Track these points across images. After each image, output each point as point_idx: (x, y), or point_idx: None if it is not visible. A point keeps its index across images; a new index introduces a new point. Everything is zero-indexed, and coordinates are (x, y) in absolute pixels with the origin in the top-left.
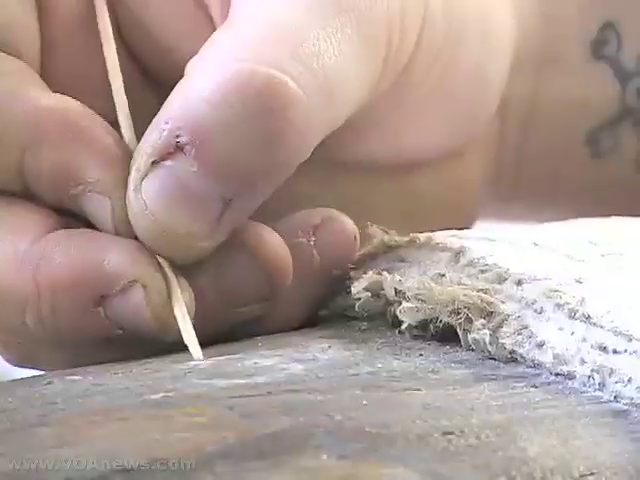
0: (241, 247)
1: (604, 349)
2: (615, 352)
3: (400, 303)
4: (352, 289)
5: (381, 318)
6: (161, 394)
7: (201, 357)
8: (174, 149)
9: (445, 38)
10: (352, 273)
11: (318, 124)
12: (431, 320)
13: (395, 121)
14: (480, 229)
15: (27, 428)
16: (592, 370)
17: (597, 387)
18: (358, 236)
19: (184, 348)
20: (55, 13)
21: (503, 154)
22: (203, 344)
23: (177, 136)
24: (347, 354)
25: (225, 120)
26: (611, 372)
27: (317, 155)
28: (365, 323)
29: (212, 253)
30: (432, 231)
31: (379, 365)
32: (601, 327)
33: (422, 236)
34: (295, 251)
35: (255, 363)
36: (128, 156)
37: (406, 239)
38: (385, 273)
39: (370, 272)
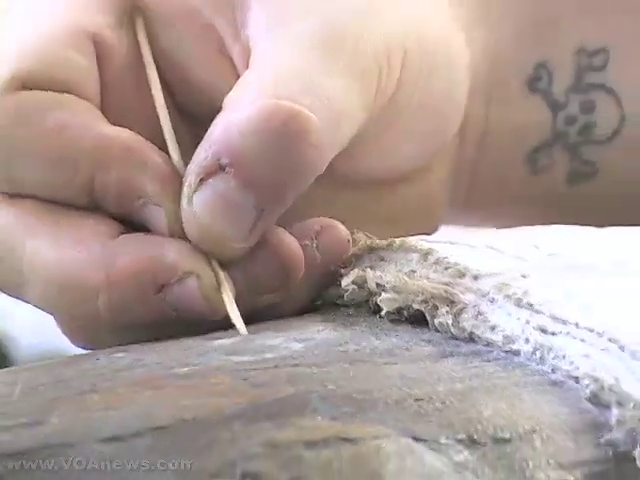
0: (264, 245)
1: (544, 331)
2: (552, 334)
3: (380, 294)
4: (342, 282)
5: (365, 306)
6: (189, 367)
7: (245, 332)
8: (217, 169)
9: (420, 71)
10: (342, 270)
11: (330, 144)
12: (405, 307)
13: (383, 141)
14: (444, 234)
15: (81, 394)
16: (534, 348)
17: (538, 362)
18: (351, 239)
19: (216, 329)
20: (111, 62)
21: (460, 168)
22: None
23: (219, 159)
24: (337, 335)
25: (257, 145)
26: (549, 350)
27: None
28: (352, 310)
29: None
30: (406, 236)
31: (363, 344)
32: (541, 313)
33: (398, 240)
34: (302, 251)
35: (264, 343)
36: (176, 173)
37: (385, 242)
38: (368, 270)
39: (356, 269)
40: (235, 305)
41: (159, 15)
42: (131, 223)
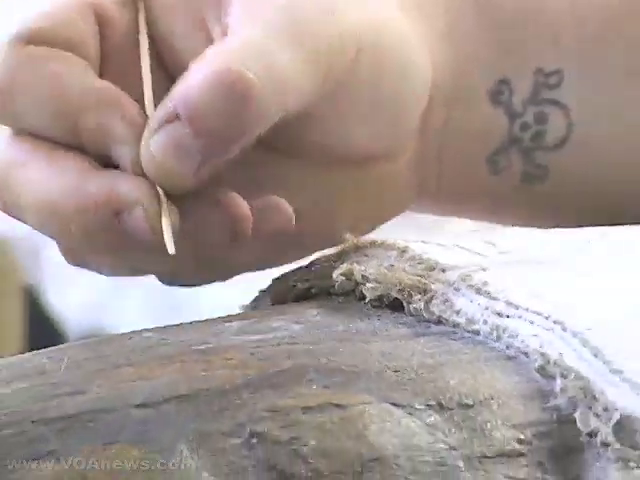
0: (219, 204)
1: (499, 314)
2: (507, 316)
3: (365, 284)
4: (333, 274)
5: (352, 294)
6: (206, 345)
7: (173, 251)
8: (174, 117)
9: (372, 69)
10: (334, 264)
11: (272, 106)
12: (385, 295)
13: (340, 124)
14: (416, 236)
15: (117, 368)
16: (491, 329)
17: (495, 340)
18: (292, 212)
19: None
20: (112, 32)
21: (427, 161)
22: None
23: (176, 109)
24: (329, 318)
25: (208, 100)
26: (504, 330)
27: (287, 148)
28: (341, 298)
29: (201, 206)
30: (375, 214)
31: (350, 325)
32: (497, 300)
33: (379, 240)
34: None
35: (268, 325)
36: (145, 122)
37: (368, 242)
38: (355, 264)
39: (345, 264)
40: (170, 230)
41: (159, 2)
42: (109, 162)
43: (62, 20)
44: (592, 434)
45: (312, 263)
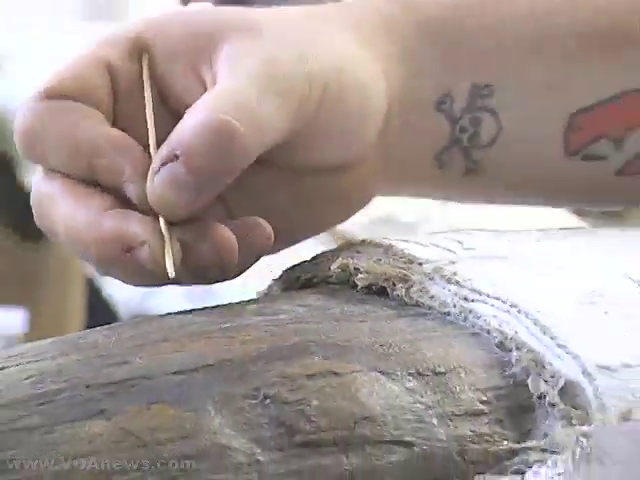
0: (210, 240)
1: (466, 299)
2: (472, 301)
3: (357, 275)
4: (331, 267)
5: (347, 283)
6: (228, 324)
7: (172, 274)
8: (172, 158)
9: (338, 98)
10: (331, 259)
11: (253, 146)
12: (373, 284)
13: (316, 142)
14: (397, 235)
15: (156, 342)
16: (460, 311)
17: (463, 320)
18: (272, 232)
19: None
20: (122, 83)
21: (386, 166)
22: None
23: (174, 151)
24: (328, 302)
25: (200, 144)
26: (470, 312)
27: (274, 162)
28: (338, 286)
29: (196, 238)
30: (347, 212)
31: (345, 308)
32: (464, 287)
33: (368, 239)
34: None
35: (278, 308)
36: (149, 162)
37: (360, 241)
38: (349, 259)
39: (340, 258)
40: (171, 259)
41: (159, 52)
42: (121, 196)
43: (78, 76)
44: (541, 396)
45: (314, 258)
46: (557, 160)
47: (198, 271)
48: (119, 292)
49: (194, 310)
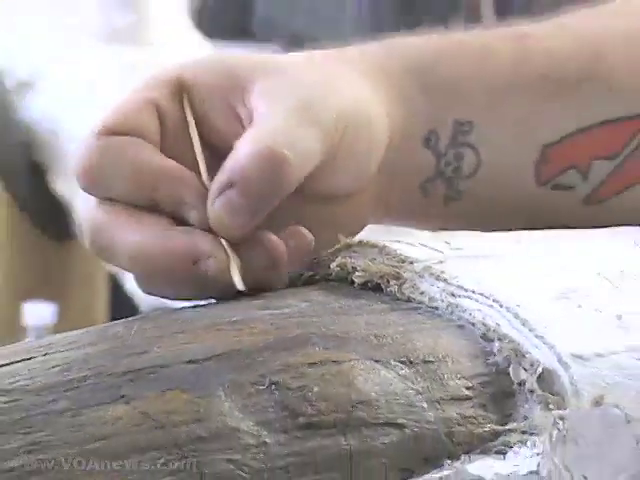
0: (263, 246)
1: (453, 295)
2: (458, 296)
3: (354, 273)
4: (331, 266)
5: (345, 281)
6: (237, 317)
7: (242, 288)
8: (229, 185)
9: (354, 136)
10: (331, 258)
11: (298, 172)
12: (369, 281)
13: (332, 173)
14: (390, 237)
15: (171, 334)
16: (447, 305)
17: (450, 314)
18: (313, 239)
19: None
20: (168, 120)
21: (380, 194)
22: (255, 295)
23: (230, 179)
24: (328, 298)
25: (253, 172)
26: (456, 306)
27: (298, 190)
28: (337, 283)
29: (253, 247)
30: (348, 235)
31: (343, 302)
32: (451, 284)
33: (364, 240)
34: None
35: (282, 303)
36: (204, 189)
37: (356, 241)
38: (347, 258)
39: (339, 258)
40: (237, 272)
41: (198, 93)
42: (178, 218)
43: (131, 115)
44: (521, 383)
45: (315, 258)
46: (529, 190)
47: (256, 278)
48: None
49: (207, 305)
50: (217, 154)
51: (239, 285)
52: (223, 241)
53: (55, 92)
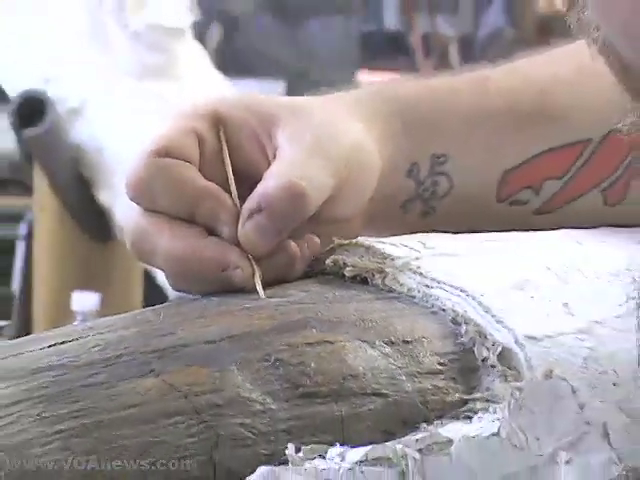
0: (284, 250)
1: (427, 286)
2: (432, 287)
3: (345, 268)
4: (326, 262)
5: (337, 274)
6: (248, 305)
7: (264, 296)
8: (258, 209)
9: (356, 171)
10: (326, 255)
11: (314, 201)
12: (358, 275)
13: (339, 201)
14: (377, 239)
15: (193, 319)
16: (422, 295)
17: (425, 302)
18: (319, 241)
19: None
20: (206, 147)
21: (369, 214)
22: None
23: (259, 204)
24: (323, 289)
25: (278, 200)
26: (430, 296)
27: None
28: (331, 276)
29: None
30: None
31: (336, 293)
32: (426, 277)
33: (354, 240)
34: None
35: (285, 292)
36: (236, 209)
37: (347, 242)
38: (340, 256)
39: (333, 256)
40: (260, 283)
41: (231, 126)
42: (211, 230)
43: (177, 140)
44: (484, 360)
45: (313, 256)
46: (491, 205)
47: (278, 273)
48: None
49: (223, 295)
50: (244, 177)
51: (261, 294)
52: (250, 257)
53: (99, 118)
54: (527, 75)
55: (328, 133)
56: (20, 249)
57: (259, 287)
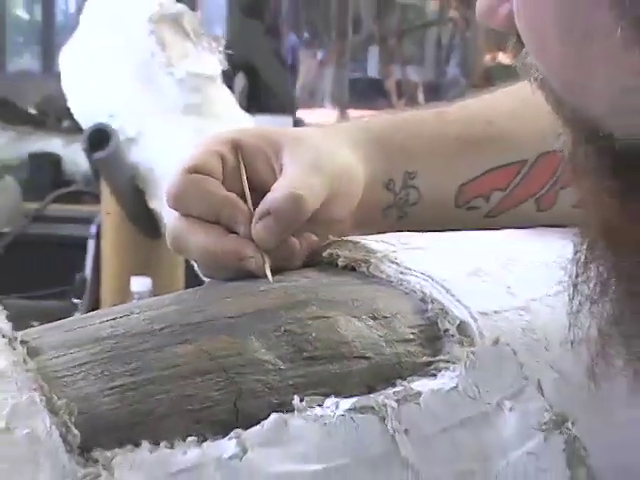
0: (287, 244)
1: (402, 273)
2: (405, 274)
3: (338, 259)
4: (323, 254)
5: (332, 264)
6: (263, 288)
7: (272, 281)
8: (266, 213)
9: (345, 185)
10: (323, 249)
11: (311, 206)
12: (348, 264)
13: (331, 206)
14: (363, 237)
15: (220, 299)
16: (398, 280)
17: (400, 286)
18: (317, 240)
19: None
20: (227, 165)
21: (356, 215)
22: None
23: (268, 209)
24: (321, 275)
25: (282, 206)
26: (404, 281)
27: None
28: (327, 266)
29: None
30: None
31: (332, 279)
32: (400, 265)
33: (345, 238)
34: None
35: (291, 278)
36: (250, 213)
37: (339, 239)
38: (334, 249)
39: (328, 250)
40: (269, 270)
41: (248, 150)
42: (231, 229)
43: (205, 160)
44: (446, 331)
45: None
46: (451, 210)
47: (280, 263)
48: None
49: (241, 279)
50: (257, 189)
51: (270, 279)
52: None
53: (150, 145)
54: (476, 110)
55: (322, 155)
56: (91, 245)
57: (269, 274)
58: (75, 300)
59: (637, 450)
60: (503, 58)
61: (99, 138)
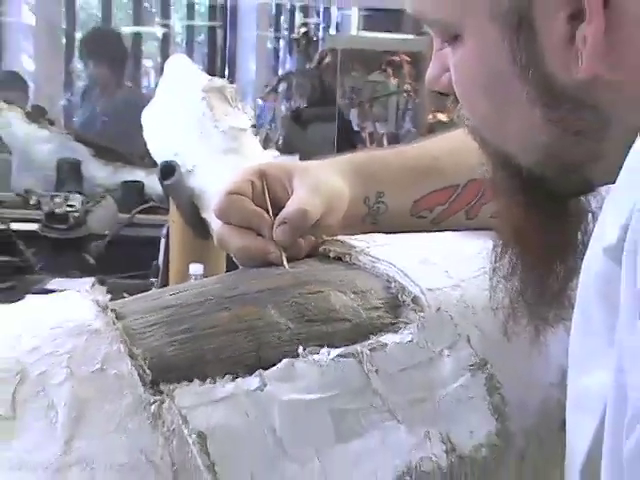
0: (297, 243)
1: (373, 262)
2: (376, 263)
3: (330, 252)
4: (319, 249)
5: (326, 257)
6: (279, 272)
7: (287, 268)
8: (283, 222)
9: (336, 204)
10: (319, 245)
11: (314, 216)
12: (336, 256)
13: (327, 217)
14: (347, 237)
15: (249, 279)
16: (371, 267)
17: (373, 270)
18: (314, 238)
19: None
20: (256, 190)
21: (342, 224)
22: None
23: (284, 219)
24: (317, 263)
25: (295, 217)
26: (376, 267)
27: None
28: (322, 257)
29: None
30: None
31: (326, 266)
32: (373, 257)
33: (334, 238)
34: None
35: (298, 266)
36: (272, 222)
37: (330, 239)
38: (327, 245)
39: (324, 246)
40: (285, 261)
41: (270, 178)
42: (259, 233)
43: (240, 184)
44: (404, 302)
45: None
46: (407, 218)
47: (290, 254)
48: None
49: (265, 267)
50: (276, 206)
51: (286, 267)
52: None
53: (203, 176)
54: (427, 149)
55: (321, 181)
56: (162, 242)
57: (285, 263)
58: (152, 279)
59: (534, 386)
60: (441, 117)
61: (168, 170)
